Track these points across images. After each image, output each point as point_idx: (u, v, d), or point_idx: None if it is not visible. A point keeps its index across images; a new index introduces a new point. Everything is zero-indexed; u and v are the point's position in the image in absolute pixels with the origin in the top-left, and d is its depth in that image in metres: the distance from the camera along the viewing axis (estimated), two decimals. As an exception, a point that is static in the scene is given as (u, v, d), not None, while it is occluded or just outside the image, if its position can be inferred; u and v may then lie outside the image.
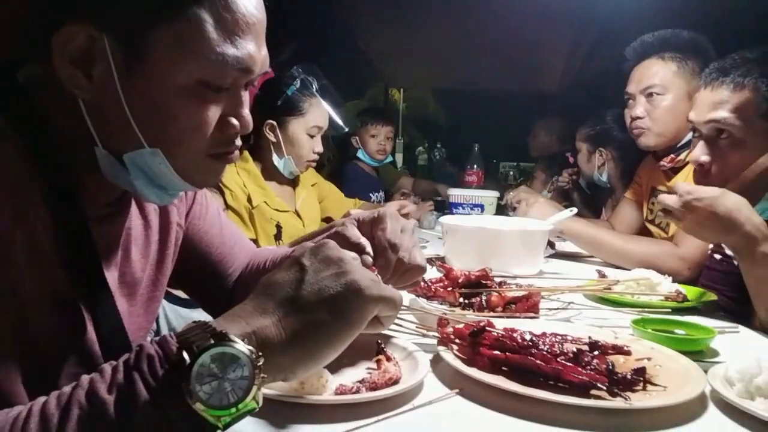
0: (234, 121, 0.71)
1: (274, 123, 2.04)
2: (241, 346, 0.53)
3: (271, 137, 2.05)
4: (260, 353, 0.54)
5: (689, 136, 1.85)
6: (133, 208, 0.82)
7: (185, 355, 0.51)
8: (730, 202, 1.15)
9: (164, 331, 1.80)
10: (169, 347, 0.53)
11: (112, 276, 0.77)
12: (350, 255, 0.64)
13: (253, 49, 0.68)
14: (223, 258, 1.03)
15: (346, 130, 2.38)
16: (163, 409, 0.51)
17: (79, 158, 0.69)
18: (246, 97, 0.73)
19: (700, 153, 1.34)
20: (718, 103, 1.30)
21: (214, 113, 0.69)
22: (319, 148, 2.11)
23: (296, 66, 2.12)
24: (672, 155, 1.91)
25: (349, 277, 0.58)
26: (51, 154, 0.67)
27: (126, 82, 0.64)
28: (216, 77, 0.67)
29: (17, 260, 0.61)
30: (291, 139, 2.05)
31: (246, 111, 0.73)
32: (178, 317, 1.87)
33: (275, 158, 2.07)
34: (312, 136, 2.08)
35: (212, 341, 0.52)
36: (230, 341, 0.53)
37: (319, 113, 2.09)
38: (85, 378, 0.53)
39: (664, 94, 1.88)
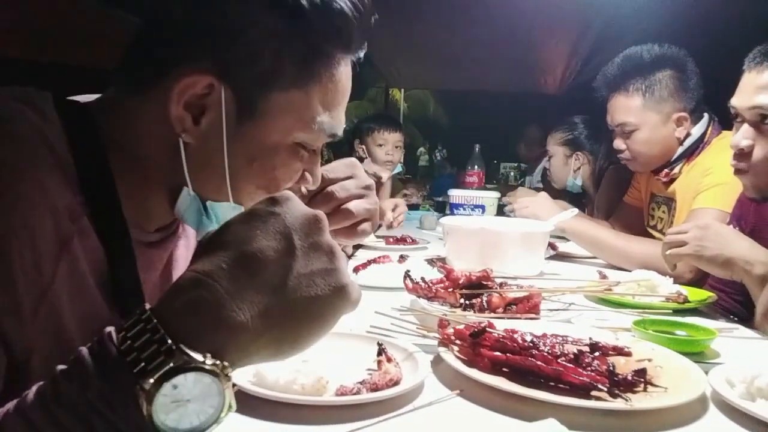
0: (309, 176, 0.76)
1: None
2: (206, 366, 0.47)
3: None
4: (226, 364, 0.48)
5: (681, 150, 1.85)
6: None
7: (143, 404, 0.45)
8: (740, 247, 1.22)
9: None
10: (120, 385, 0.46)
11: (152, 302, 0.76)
12: (335, 243, 0.58)
13: (342, 119, 0.74)
14: None
15: None
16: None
17: (152, 190, 0.70)
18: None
19: (740, 138, 1.27)
20: (762, 87, 1.23)
21: (300, 168, 0.74)
22: None
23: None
24: (666, 170, 1.90)
25: (339, 280, 0.54)
26: (106, 181, 0.65)
27: (232, 134, 0.66)
28: (312, 141, 0.72)
29: (60, 292, 0.60)
30: None
31: (319, 169, 0.78)
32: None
33: None
34: None
35: (170, 363, 0.46)
36: (191, 366, 0.46)
37: None
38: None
39: (638, 129, 1.86)
